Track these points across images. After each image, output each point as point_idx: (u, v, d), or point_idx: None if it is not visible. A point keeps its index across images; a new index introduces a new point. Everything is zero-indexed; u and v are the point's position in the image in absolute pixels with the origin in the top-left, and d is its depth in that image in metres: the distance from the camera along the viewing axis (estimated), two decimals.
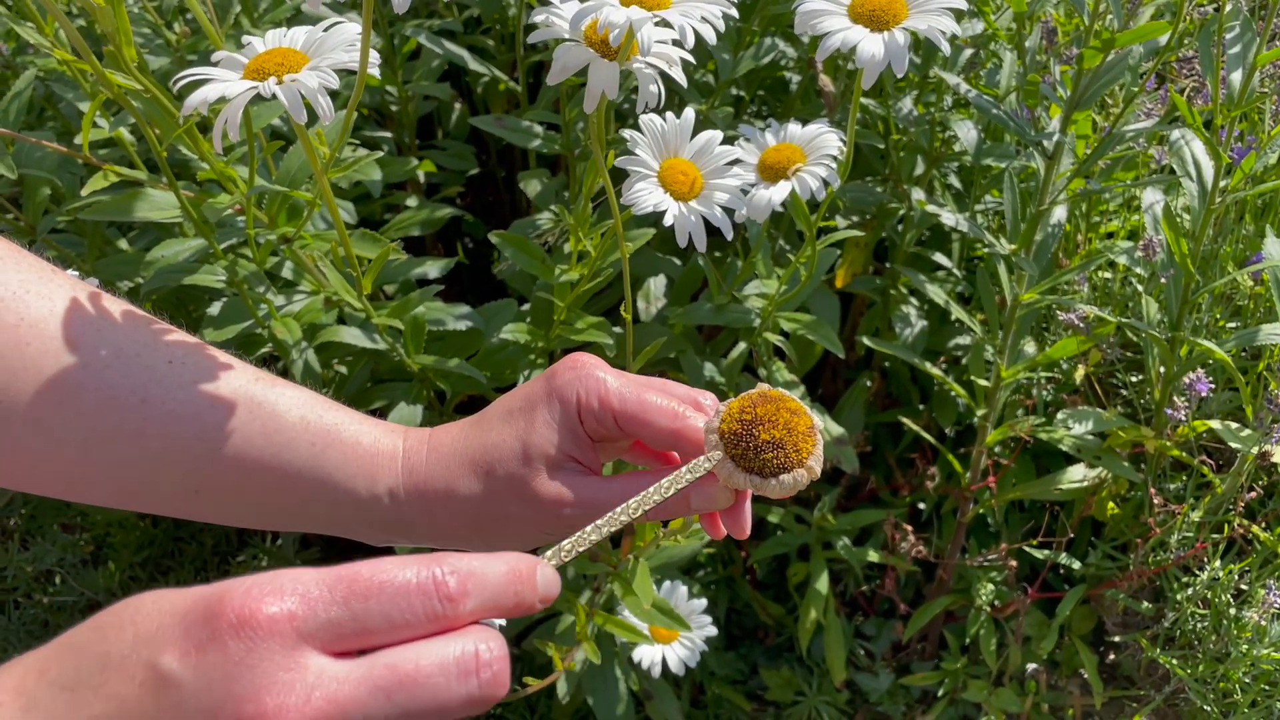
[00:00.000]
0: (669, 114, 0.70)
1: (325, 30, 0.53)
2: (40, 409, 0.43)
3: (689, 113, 0.71)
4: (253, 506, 0.47)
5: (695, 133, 0.73)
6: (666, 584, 0.94)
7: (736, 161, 0.77)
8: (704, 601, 0.94)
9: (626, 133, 0.69)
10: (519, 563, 0.35)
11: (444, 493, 0.46)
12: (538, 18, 0.56)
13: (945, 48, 0.66)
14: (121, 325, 0.45)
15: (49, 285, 0.44)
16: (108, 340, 0.44)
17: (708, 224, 0.72)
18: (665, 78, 0.58)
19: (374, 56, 0.51)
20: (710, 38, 0.54)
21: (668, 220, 0.69)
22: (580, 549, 0.40)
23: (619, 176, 0.71)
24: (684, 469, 0.42)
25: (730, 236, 0.71)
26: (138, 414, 0.44)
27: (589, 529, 0.40)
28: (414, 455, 0.47)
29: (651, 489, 0.42)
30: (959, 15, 1.11)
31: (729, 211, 0.73)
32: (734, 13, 0.56)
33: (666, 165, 0.69)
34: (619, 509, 0.41)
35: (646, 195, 0.68)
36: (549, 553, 0.39)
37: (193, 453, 0.45)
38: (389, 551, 0.39)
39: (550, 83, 0.57)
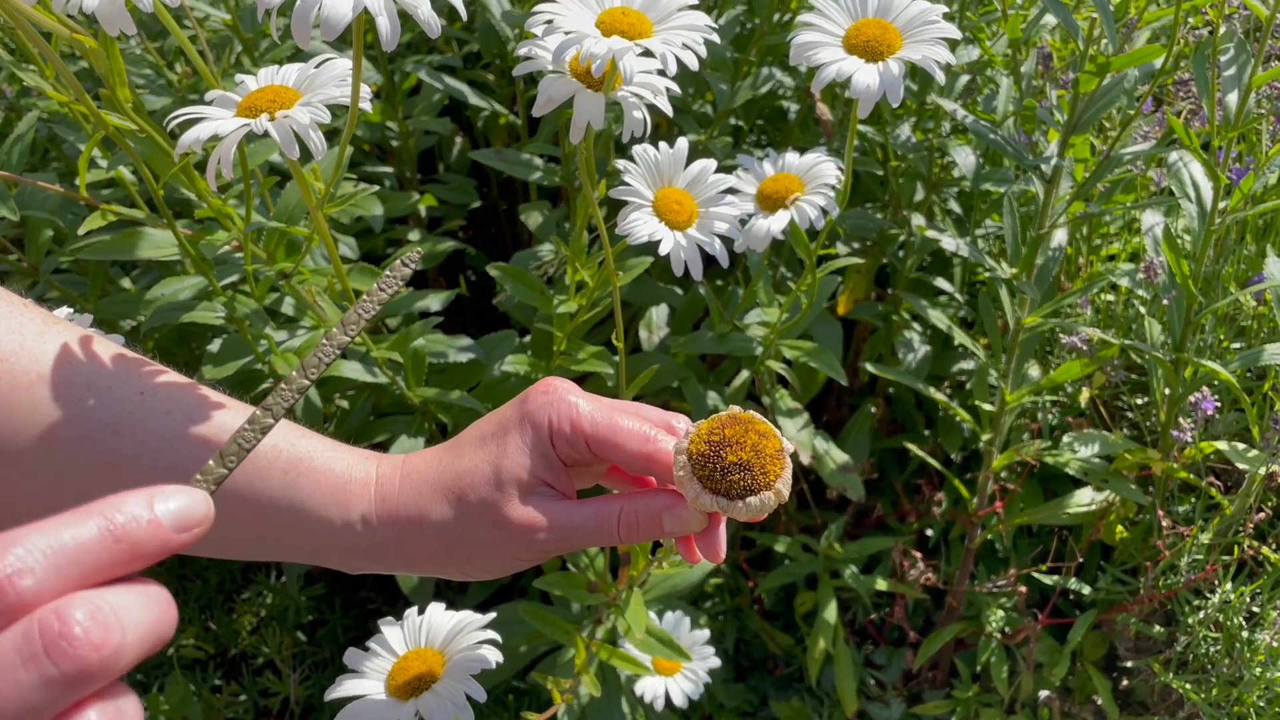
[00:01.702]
0: (662, 144, 0.71)
1: (316, 67, 0.53)
2: (12, 442, 0.43)
3: (682, 142, 0.71)
4: (226, 535, 0.47)
5: (689, 162, 0.73)
6: (670, 615, 0.93)
7: (731, 190, 0.77)
8: (706, 633, 0.93)
9: (620, 163, 0.69)
10: (114, 511, 0.29)
11: (416, 518, 0.46)
12: (521, 51, 0.56)
13: (940, 77, 0.66)
14: (93, 358, 0.45)
15: (19, 319, 0.44)
16: (79, 373, 0.44)
17: (705, 252, 0.72)
18: (652, 108, 0.58)
19: (366, 90, 0.52)
20: (693, 64, 0.54)
21: (663, 249, 0.69)
22: (244, 446, 0.35)
23: (618, 207, 0.71)
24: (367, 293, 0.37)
25: (726, 264, 0.72)
26: (109, 446, 0.44)
27: (249, 421, 0.35)
28: (387, 482, 0.47)
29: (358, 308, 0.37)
30: (953, 44, 1.11)
31: (725, 240, 0.73)
32: (715, 38, 0.56)
33: (661, 195, 0.70)
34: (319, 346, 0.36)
35: (641, 225, 0.68)
36: (200, 471, 0.34)
37: (165, 484, 0.45)
38: (393, 585, 0.39)
39: (536, 114, 0.58)
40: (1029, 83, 1.07)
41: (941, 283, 1.21)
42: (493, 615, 0.54)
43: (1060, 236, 1.05)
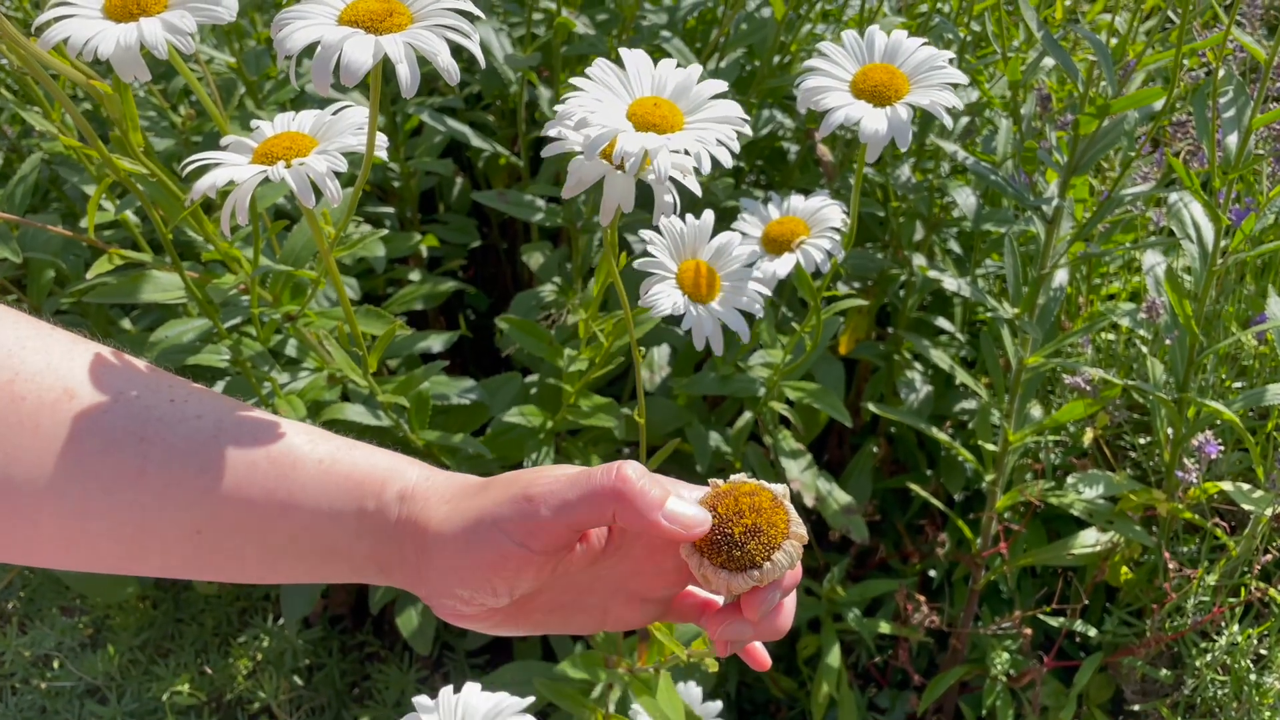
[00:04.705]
0: (688, 216, 0.70)
1: (333, 114, 0.53)
2: (38, 463, 0.42)
3: (708, 215, 0.71)
4: (254, 539, 0.46)
5: (703, 220, 0.73)
6: (680, 685, 0.92)
7: (754, 264, 0.77)
8: (719, 704, 0.92)
9: (645, 233, 0.69)
10: None
11: (437, 506, 0.45)
12: (551, 131, 0.56)
13: (947, 121, 0.67)
14: (120, 371, 0.45)
15: (45, 340, 0.44)
16: (106, 385, 0.44)
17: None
18: (679, 186, 0.58)
19: (382, 139, 0.51)
20: (726, 161, 0.53)
21: (685, 325, 0.68)
22: None
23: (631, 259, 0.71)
24: None
25: (746, 340, 0.72)
26: (137, 453, 0.43)
27: None
28: (412, 473, 0.47)
29: None
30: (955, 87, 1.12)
31: (746, 315, 0.72)
32: (748, 130, 0.55)
33: (684, 267, 0.69)
34: None
35: (664, 298, 0.68)
36: None
37: (195, 487, 0.44)
38: (392, 630, 0.38)
39: (565, 196, 0.57)
40: (1028, 124, 1.08)
41: (943, 322, 1.21)
42: (530, 700, 0.54)
43: (1061, 276, 1.05)
